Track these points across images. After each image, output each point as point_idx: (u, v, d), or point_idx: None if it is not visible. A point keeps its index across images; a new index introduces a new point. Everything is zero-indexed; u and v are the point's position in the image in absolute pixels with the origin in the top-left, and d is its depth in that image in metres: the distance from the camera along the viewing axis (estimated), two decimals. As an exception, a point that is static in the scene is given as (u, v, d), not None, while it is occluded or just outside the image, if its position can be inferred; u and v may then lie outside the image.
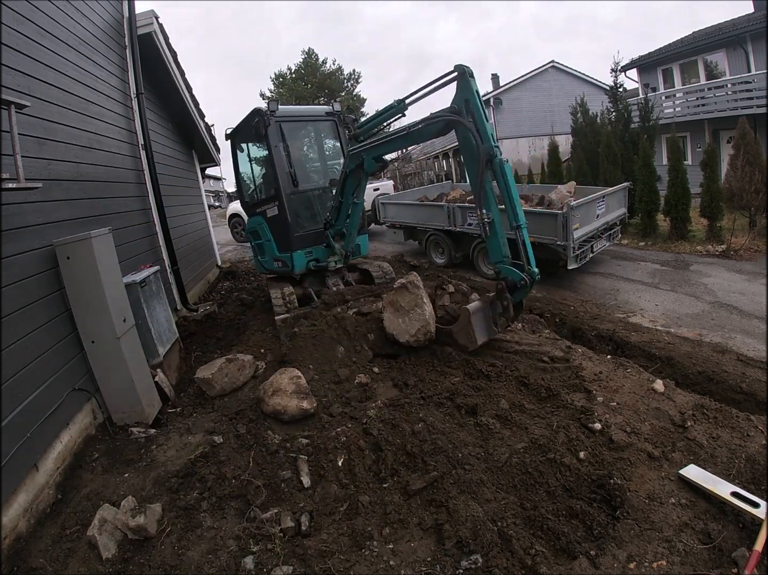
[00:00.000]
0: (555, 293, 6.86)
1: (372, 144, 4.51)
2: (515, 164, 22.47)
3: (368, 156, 4.57)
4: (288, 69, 29.04)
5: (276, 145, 5.23)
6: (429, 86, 3.99)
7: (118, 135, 4.87)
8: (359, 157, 4.66)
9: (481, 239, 7.76)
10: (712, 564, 1.99)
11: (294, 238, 5.42)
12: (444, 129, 3.93)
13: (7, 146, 2.62)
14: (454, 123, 3.77)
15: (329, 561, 2.11)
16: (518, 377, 3.48)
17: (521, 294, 3.78)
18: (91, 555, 2.28)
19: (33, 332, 2.79)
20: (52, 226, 3.20)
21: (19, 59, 3.08)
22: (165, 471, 2.78)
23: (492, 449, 2.77)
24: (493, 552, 2.09)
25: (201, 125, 8.15)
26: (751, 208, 7.99)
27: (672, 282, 6.74)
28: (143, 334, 3.77)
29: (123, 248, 4.12)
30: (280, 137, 5.27)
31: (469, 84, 3.63)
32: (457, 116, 3.70)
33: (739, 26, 12.45)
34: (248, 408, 3.37)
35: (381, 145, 4.45)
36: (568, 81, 22.99)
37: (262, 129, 5.15)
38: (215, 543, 2.30)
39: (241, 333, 5.28)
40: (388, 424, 2.97)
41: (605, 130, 11.10)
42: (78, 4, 4.20)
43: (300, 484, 2.63)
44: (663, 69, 15.20)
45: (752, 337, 4.81)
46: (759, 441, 2.67)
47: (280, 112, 5.25)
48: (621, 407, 3.07)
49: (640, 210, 9.45)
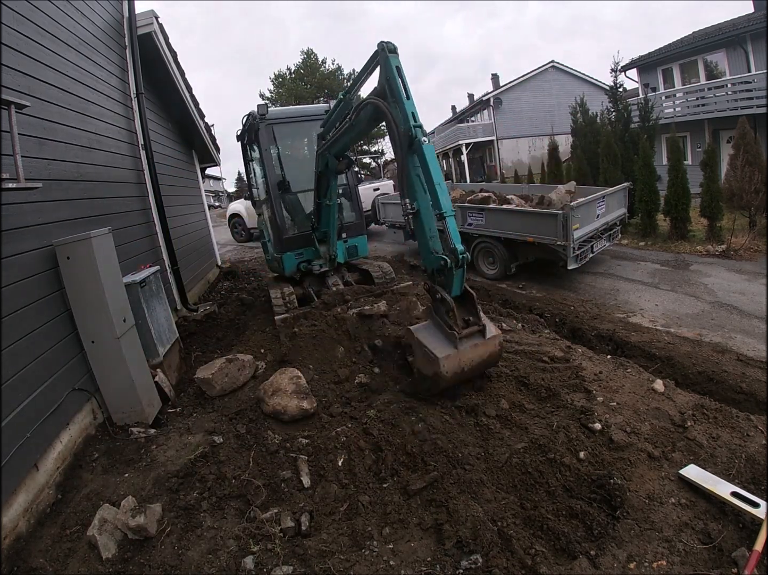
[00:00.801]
0: (555, 293, 6.86)
1: (329, 143, 4.38)
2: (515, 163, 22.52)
3: (330, 154, 4.43)
4: (287, 69, 29.08)
5: (266, 148, 5.24)
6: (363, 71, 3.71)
7: (118, 135, 4.86)
8: (324, 157, 4.53)
9: (482, 239, 7.81)
10: (712, 564, 1.99)
11: (284, 240, 5.44)
12: (374, 113, 3.54)
13: (7, 146, 2.62)
14: (372, 105, 3.44)
15: (329, 561, 2.11)
16: (518, 377, 3.48)
17: (454, 280, 3.07)
18: (91, 555, 2.28)
19: (33, 332, 2.79)
20: (52, 226, 3.20)
21: (19, 59, 3.08)
22: (165, 471, 2.78)
23: (492, 449, 2.77)
24: (493, 552, 2.09)
25: (201, 125, 8.16)
26: (751, 208, 7.99)
27: (672, 282, 6.74)
28: (143, 334, 3.77)
29: (123, 248, 4.12)
30: (272, 140, 5.28)
31: (388, 61, 3.25)
32: (376, 98, 3.38)
33: (739, 26, 12.46)
34: (248, 408, 3.37)
35: (335, 141, 4.27)
36: (568, 81, 23.03)
37: (252, 133, 5.16)
38: (215, 543, 2.30)
39: (241, 333, 5.28)
40: (388, 424, 2.97)
41: (605, 131, 11.11)
42: (78, 4, 4.20)
43: (300, 484, 2.63)
44: (663, 69, 15.21)
45: (752, 337, 4.81)
46: (759, 441, 2.67)
47: (273, 115, 5.26)
48: (621, 407, 3.07)
49: (640, 210, 9.46)
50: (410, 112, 3.18)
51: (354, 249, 5.88)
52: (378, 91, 3.41)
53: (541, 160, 14.66)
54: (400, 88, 3.23)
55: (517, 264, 7.61)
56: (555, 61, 23.54)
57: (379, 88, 3.40)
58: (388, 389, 3.51)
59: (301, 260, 5.54)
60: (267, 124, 5.24)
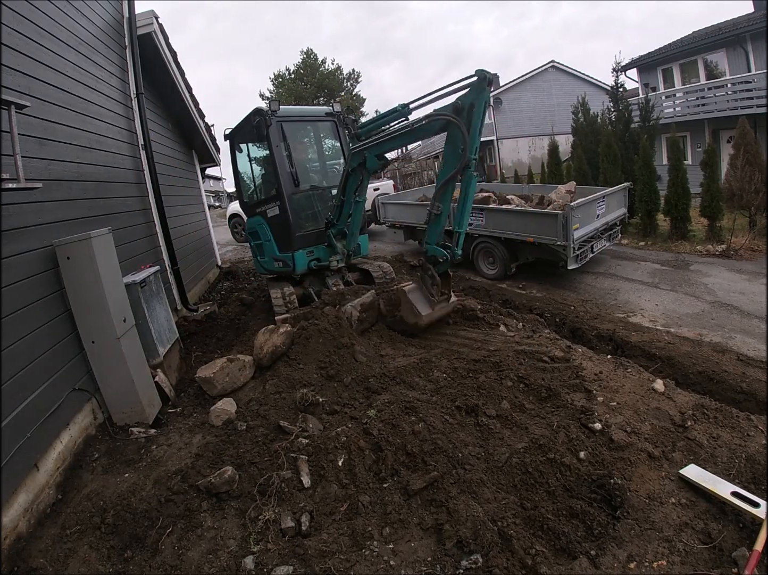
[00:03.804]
0: (555, 293, 6.86)
1: (375, 141, 4.56)
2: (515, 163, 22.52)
3: (371, 154, 4.64)
4: (287, 69, 29.05)
5: (277, 144, 5.24)
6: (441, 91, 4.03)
7: (118, 135, 4.87)
8: (362, 155, 4.72)
9: (482, 239, 7.83)
10: (712, 563, 1.99)
11: (295, 237, 5.43)
12: (445, 127, 3.99)
13: (7, 146, 2.62)
14: (452, 125, 3.84)
15: (329, 561, 2.11)
16: (518, 377, 3.48)
17: (443, 267, 4.25)
18: (91, 555, 2.28)
19: (33, 333, 2.79)
20: (52, 226, 3.20)
21: (19, 59, 3.08)
22: (165, 471, 2.78)
23: (492, 449, 2.77)
24: (494, 551, 2.09)
25: (201, 125, 8.16)
26: (751, 208, 7.99)
27: (672, 282, 6.74)
28: (143, 334, 3.77)
29: (123, 248, 4.12)
30: (282, 137, 5.28)
31: (483, 92, 3.68)
32: (457, 119, 3.75)
33: (739, 26, 12.45)
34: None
35: (384, 142, 4.51)
36: (568, 81, 23.00)
37: (263, 129, 5.15)
38: (215, 543, 2.30)
39: (241, 333, 5.28)
40: (388, 424, 2.97)
41: (605, 130, 11.11)
42: (78, 5, 4.20)
43: (300, 484, 2.63)
44: (663, 69, 15.19)
45: (752, 337, 4.81)
46: (759, 441, 2.67)
47: (280, 112, 5.25)
48: (621, 407, 3.07)
49: (640, 210, 9.45)
50: (476, 146, 3.79)
51: (357, 248, 5.89)
52: (457, 106, 3.78)
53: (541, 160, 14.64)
54: (479, 121, 3.73)
55: (517, 264, 7.61)
56: (555, 61, 23.50)
57: (459, 105, 3.78)
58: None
59: (312, 258, 5.56)
60: (277, 121, 5.25)
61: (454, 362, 3.84)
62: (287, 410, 3.26)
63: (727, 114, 12.28)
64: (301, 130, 6.23)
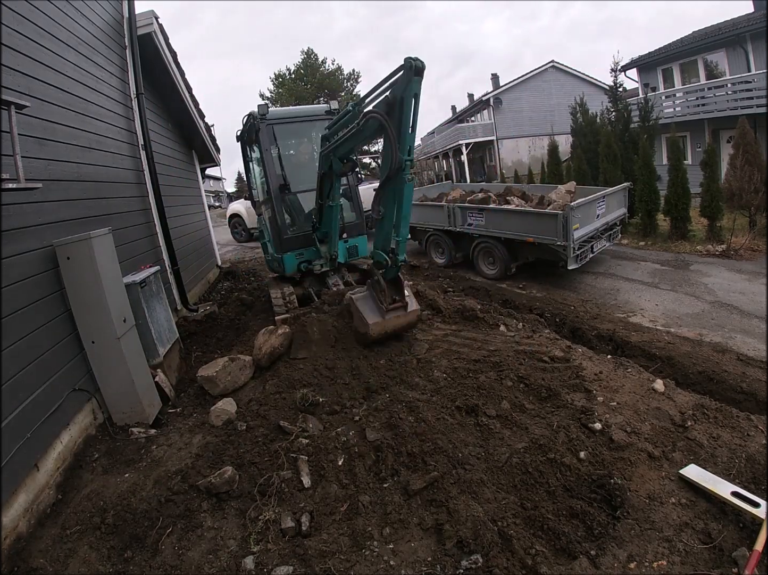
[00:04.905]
0: (555, 293, 6.86)
1: (334, 144, 4.36)
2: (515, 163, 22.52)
3: (334, 157, 4.44)
4: (287, 69, 29.07)
5: (267, 148, 5.23)
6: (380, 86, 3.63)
7: (118, 135, 4.86)
8: (329, 158, 4.53)
9: (482, 239, 7.84)
10: (713, 563, 1.99)
11: (284, 240, 5.43)
12: (379, 127, 3.53)
13: (7, 146, 2.61)
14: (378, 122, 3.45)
15: (329, 561, 2.11)
16: (518, 377, 3.48)
17: (390, 272, 4.05)
18: (91, 555, 2.28)
19: (33, 333, 2.79)
20: (52, 226, 3.20)
21: (19, 59, 3.08)
22: (165, 471, 2.78)
23: (492, 449, 2.77)
24: (494, 551, 2.09)
25: (201, 125, 8.16)
26: (751, 207, 7.99)
27: (672, 282, 6.74)
28: (143, 334, 3.77)
29: (123, 248, 4.12)
30: (272, 140, 5.26)
31: (410, 84, 3.21)
32: (384, 116, 3.36)
33: (739, 26, 12.45)
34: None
35: (340, 145, 4.28)
36: (568, 81, 23.03)
37: (253, 133, 5.15)
38: (215, 543, 2.30)
39: (241, 333, 5.28)
40: (388, 424, 2.97)
41: (605, 130, 11.10)
42: (78, 5, 4.20)
43: (300, 484, 2.63)
44: (663, 69, 15.20)
45: (752, 337, 4.81)
46: (759, 441, 2.67)
47: (273, 115, 5.24)
48: (621, 407, 3.07)
49: (640, 210, 9.46)
50: (409, 146, 3.43)
51: (354, 249, 5.88)
52: (387, 104, 3.41)
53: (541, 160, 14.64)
54: (409, 117, 3.32)
55: (517, 264, 7.61)
56: (555, 61, 23.54)
57: (390, 101, 3.39)
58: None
59: (302, 260, 5.54)
60: (267, 125, 5.24)
61: (454, 362, 3.84)
62: (287, 411, 3.26)
63: (727, 114, 12.27)
64: (297, 130, 6.19)
